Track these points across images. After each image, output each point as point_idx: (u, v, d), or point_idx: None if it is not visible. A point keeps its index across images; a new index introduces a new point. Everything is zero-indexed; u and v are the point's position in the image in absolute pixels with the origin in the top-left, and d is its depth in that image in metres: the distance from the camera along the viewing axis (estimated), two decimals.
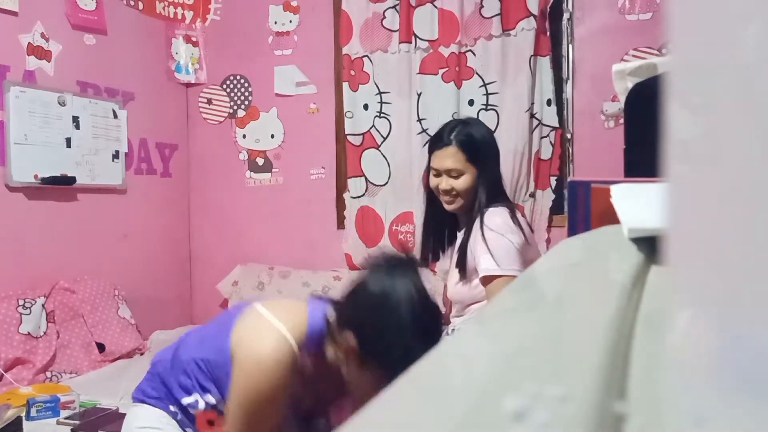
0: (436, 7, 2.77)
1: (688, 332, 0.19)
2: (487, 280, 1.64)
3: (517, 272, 1.59)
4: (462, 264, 1.75)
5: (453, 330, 1.82)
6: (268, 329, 1.13)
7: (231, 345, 1.15)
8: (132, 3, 2.97)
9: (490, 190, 1.73)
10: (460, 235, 1.81)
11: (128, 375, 2.16)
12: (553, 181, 2.70)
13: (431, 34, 2.79)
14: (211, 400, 1.21)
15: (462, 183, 1.73)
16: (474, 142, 1.73)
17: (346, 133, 2.97)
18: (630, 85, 1.27)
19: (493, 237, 1.64)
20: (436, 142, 1.78)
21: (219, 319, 1.30)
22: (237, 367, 1.12)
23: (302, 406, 1.23)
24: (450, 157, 1.73)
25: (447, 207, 1.81)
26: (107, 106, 2.80)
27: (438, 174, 1.77)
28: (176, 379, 1.24)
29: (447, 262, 1.94)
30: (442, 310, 2.71)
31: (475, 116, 2.74)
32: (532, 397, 0.18)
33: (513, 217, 1.70)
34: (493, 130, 2.71)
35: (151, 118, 3.07)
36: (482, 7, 2.71)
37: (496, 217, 1.68)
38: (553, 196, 2.71)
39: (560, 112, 2.69)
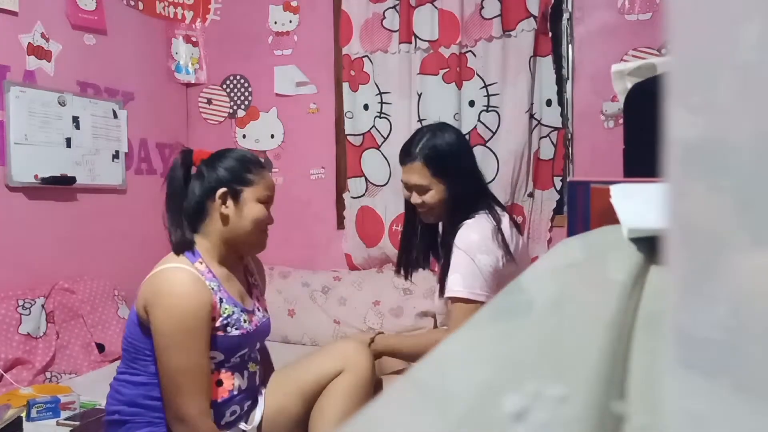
0: (436, 7, 2.77)
1: (690, 327, 0.19)
2: (449, 301, 1.59)
3: (479, 296, 1.51)
4: (443, 281, 1.68)
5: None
6: (164, 270, 1.35)
7: (137, 308, 1.38)
8: (132, 3, 2.97)
9: (461, 202, 1.64)
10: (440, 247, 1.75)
11: None
12: (557, 181, 2.70)
13: (431, 34, 2.79)
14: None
15: (430, 198, 1.65)
16: (439, 155, 1.63)
17: (346, 133, 2.97)
18: (629, 85, 1.27)
19: (461, 257, 1.56)
20: (404, 155, 1.70)
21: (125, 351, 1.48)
22: (155, 309, 1.30)
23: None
24: (416, 173, 1.65)
25: (425, 220, 1.74)
26: (107, 106, 2.80)
27: (409, 188, 1.70)
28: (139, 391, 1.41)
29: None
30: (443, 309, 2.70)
31: (477, 117, 2.74)
32: (531, 397, 0.18)
33: (496, 231, 1.60)
34: (494, 131, 2.72)
35: (151, 118, 3.07)
36: (482, 8, 2.71)
37: (473, 233, 1.59)
38: (557, 197, 2.70)
39: (562, 113, 2.69)
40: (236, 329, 1.40)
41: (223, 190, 1.42)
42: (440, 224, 1.80)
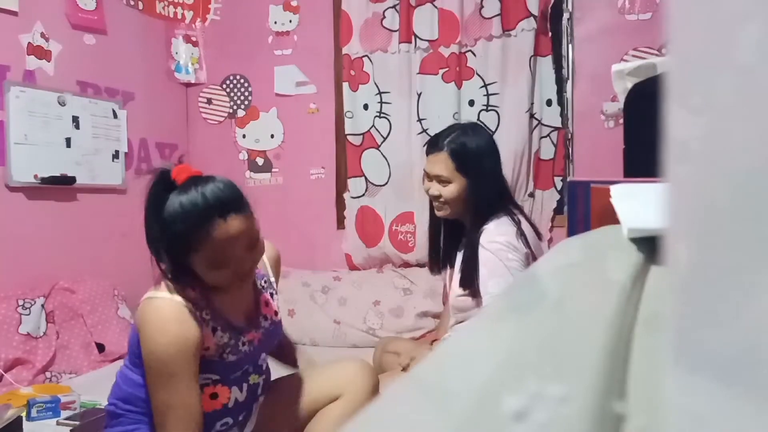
0: (436, 7, 2.77)
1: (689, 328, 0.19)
2: None
3: None
4: (467, 282, 1.70)
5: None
6: (149, 300, 1.24)
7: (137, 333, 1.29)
8: (132, 3, 2.97)
9: (481, 202, 1.68)
10: (462, 245, 1.77)
11: None
12: (557, 181, 2.70)
13: (431, 34, 2.79)
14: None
15: (449, 191, 1.68)
16: (466, 151, 1.67)
17: (346, 133, 2.97)
18: (629, 85, 1.28)
19: (491, 260, 1.59)
20: (431, 146, 1.74)
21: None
22: (142, 343, 1.23)
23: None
24: (440, 163, 1.69)
25: (437, 212, 1.77)
26: (107, 106, 2.80)
27: (429, 178, 1.74)
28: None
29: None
30: (442, 309, 2.72)
31: (476, 117, 2.74)
32: (532, 397, 0.18)
33: (519, 233, 1.63)
34: (493, 131, 2.72)
35: (151, 118, 3.07)
36: (482, 7, 2.71)
37: (498, 236, 1.62)
38: (557, 196, 2.71)
39: (563, 113, 2.69)
40: (233, 355, 1.32)
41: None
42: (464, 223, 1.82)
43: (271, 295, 1.48)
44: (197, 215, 1.15)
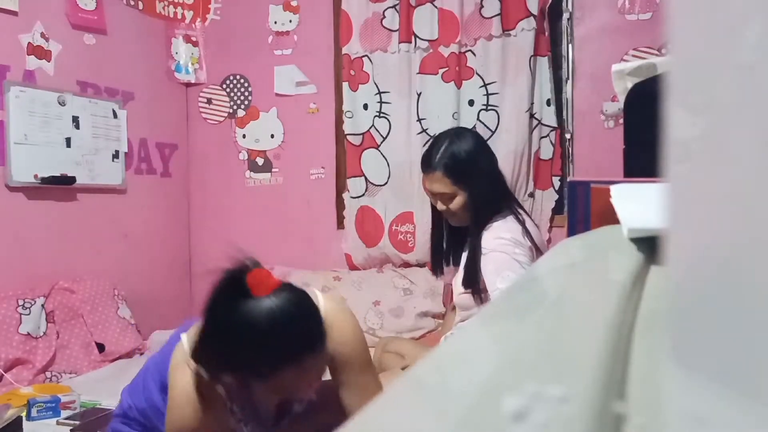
0: (435, 6, 2.77)
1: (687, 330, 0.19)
2: None
3: None
4: (470, 282, 1.72)
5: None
6: (182, 365, 1.14)
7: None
8: (132, 3, 2.97)
9: (484, 206, 1.70)
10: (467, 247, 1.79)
11: (128, 375, 2.15)
12: (555, 181, 2.70)
13: (431, 34, 2.79)
14: None
15: (455, 204, 1.71)
16: (459, 162, 1.69)
17: (345, 133, 2.97)
18: (629, 85, 1.28)
19: (499, 257, 1.60)
20: (425, 166, 1.76)
21: (162, 352, 1.35)
22: (167, 405, 1.17)
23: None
24: (437, 182, 1.71)
25: (451, 222, 1.81)
26: (107, 106, 2.80)
27: (433, 195, 1.77)
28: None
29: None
30: (442, 310, 2.72)
31: (476, 117, 2.74)
32: (531, 397, 0.18)
33: (524, 232, 1.65)
34: (493, 131, 2.72)
35: (150, 118, 3.07)
36: (482, 7, 2.71)
37: (503, 233, 1.64)
38: (556, 196, 2.70)
39: (559, 112, 2.69)
40: None
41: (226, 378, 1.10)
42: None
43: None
44: (272, 356, 1.02)
